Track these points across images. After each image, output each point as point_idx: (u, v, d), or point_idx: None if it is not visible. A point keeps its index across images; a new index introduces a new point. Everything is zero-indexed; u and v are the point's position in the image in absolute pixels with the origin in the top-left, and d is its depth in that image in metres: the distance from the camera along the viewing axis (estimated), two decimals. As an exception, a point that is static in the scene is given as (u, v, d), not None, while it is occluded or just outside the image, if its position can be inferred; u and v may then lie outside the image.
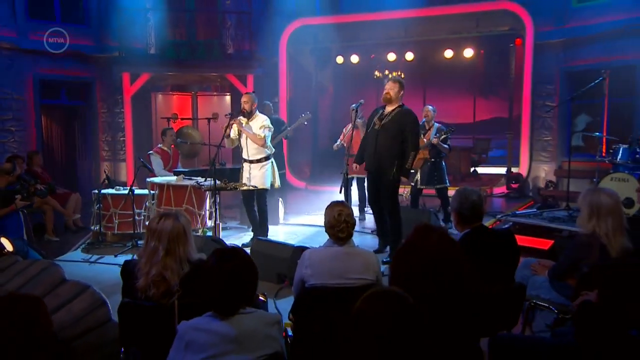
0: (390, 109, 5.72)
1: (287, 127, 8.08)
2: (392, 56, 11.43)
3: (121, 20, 10.55)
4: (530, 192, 10.24)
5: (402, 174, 5.66)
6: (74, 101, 11.41)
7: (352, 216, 3.02)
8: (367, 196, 6.83)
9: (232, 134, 6.35)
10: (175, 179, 6.52)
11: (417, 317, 1.44)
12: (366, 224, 7.52)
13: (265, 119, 6.35)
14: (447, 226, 7.10)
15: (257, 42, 11.45)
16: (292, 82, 11.79)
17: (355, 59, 11.71)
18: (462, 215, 3.23)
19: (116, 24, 10.65)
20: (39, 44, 10.05)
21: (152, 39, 10.78)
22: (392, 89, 5.69)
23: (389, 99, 5.70)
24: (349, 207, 3.09)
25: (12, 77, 10.03)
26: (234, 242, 6.59)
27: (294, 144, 10.81)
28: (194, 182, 6.29)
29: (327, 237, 3.13)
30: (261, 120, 6.31)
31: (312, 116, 11.80)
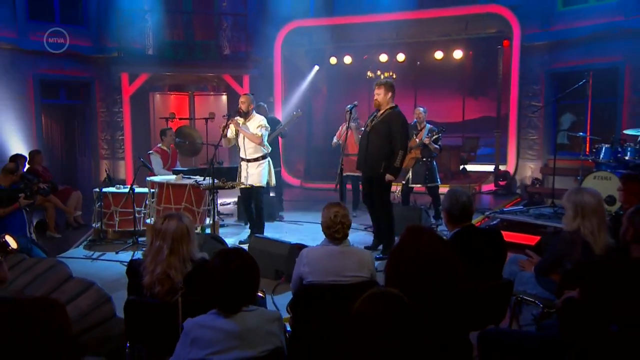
0: (381, 112, 5.78)
1: (281, 125, 8.12)
2: (384, 57, 11.48)
3: (120, 21, 10.54)
4: (517, 189, 10.33)
5: (390, 172, 5.70)
6: (74, 101, 11.39)
7: (347, 217, 3.07)
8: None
9: (230, 133, 6.36)
10: (174, 178, 6.53)
11: (413, 316, 1.49)
12: (359, 220, 7.56)
13: (262, 119, 6.38)
14: (438, 223, 7.18)
15: (253, 43, 11.47)
16: (286, 82, 11.82)
17: (348, 59, 11.75)
18: (453, 215, 3.29)
19: (115, 25, 10.64)
20: (39, 44, 10.02)
21: (150, 40, 10.75)
22: (379, 94, 5.75)
23: (378, 104, 5.78)
24: (345, 208, 3.13)
25: (12, 77, 10.00)
26: (232, 239, 6.65)
27: (289, 143, 10.83)
28: (193, 181, 6.31)
29: (323, 234, 3.18)
30: (258, 120, 6.33)
31: (307, 115, 11.88)
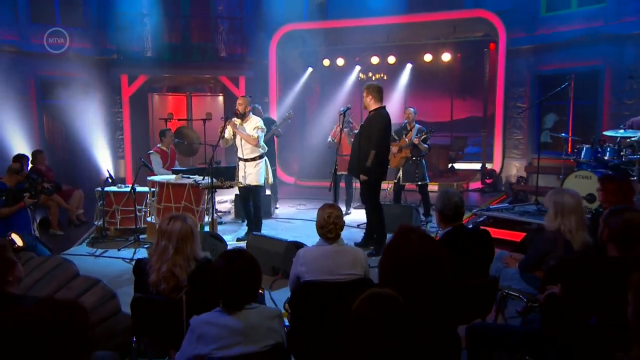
0: (369, 114, 5.86)
1: (276, 125, 8.16)
2: (375, 59, 11.52)
3: (119, 24, 10.52)
4: (503, 187, 10.45)
5: (362, 172, 5.75)
6: (74, 101, 11.33)
7: (341, 218, 3.12)
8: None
9: (227, 134, 6.40)
10: (174, 178, 6.56)
11: (408, 316, 1.56)
12: (352, 218, 7.63)
13: (258, 121, 6.41)
14: (428, 220, 7.27)
15: (248, 46, 11.49)
16: (281, 83, 11.85)
17: (341, 61, 11.79)
18: (445, 215, 3.34)
19: (114, 28, 10.63)
20: (41, 46, 9.97)
21: (149, 43, 10.76)
22: (365, 98, 5.85)
23: (366, 107, 5.87)
24: (339, 209, 3.18)
25: (15, 78, 9.96)
26: (229, 236, 6.69)
27: (284, 142, 10.89)
28: (192, 181, 6.34)
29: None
30: (255, 121, 6.37)
31: (300, 116, 11.92)
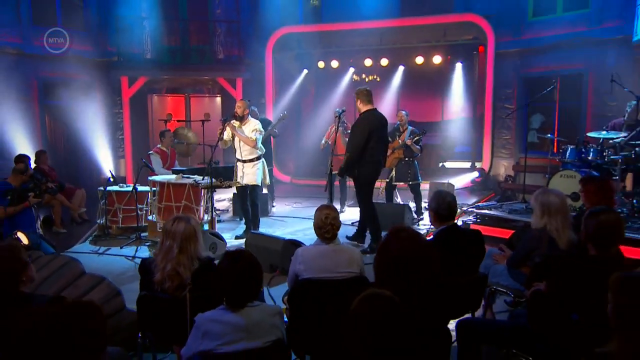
0: None
1: (272, 125, 8.21)
2: (368, 62, 11.57)
3: (119, 27, 10.52)
4: (491, 185, 10.54)
5: (339, 172, 5.85)
6: (75, 102, 11.31)
7: (337, 219, 3.17)
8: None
9: (226, 136, 6.45)
10: (174, 178, 6.59)
11: (402, 314, 1.62)
12: (346, 216, 7.69)
13: (257, 123, 6.46)
14: (420, 218, 7.34)
15: (246, 48, 11.51)
16: (277, 84, 11.88)
17: (335, 64, 11.83)
18: (439, 214, 3.40)
19: (115, 31, 10.63)
20: (43, 48, 9.95)
21: (149, 45, 10.77)
22: (356, 102, 5.92)
23: (358, 110, 5.91)
24: (335, 210, 3.23)
25: (17, 79, 9.94)
26: (228, 234, 6.74)
27: (280, 142, 10.93)
28: (192, 180, 6.38)
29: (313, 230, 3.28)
30: (253, 124, 6.41)
31: (296, 115, 11.96)
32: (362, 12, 10.81)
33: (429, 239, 4.64)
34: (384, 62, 11.45)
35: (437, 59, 11.09)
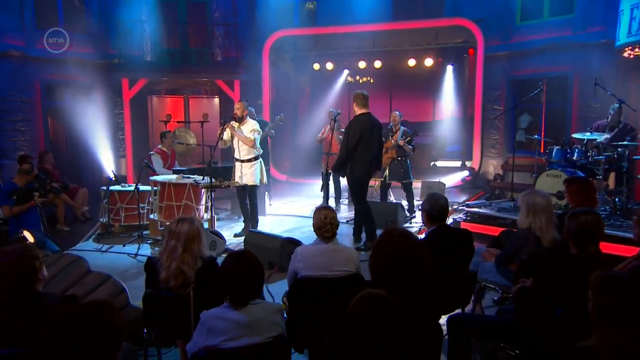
0: None
1: (269, 126, 8.25)
2: (362, 64, 11.64)
3: (120, 30, 10.51)
4: (481, 184, 10.62)
5: (332, 168, 5.96)
6: (77, 103, 11.29)
7: (335, 219, 3.23)
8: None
9: (225, 136, 6.49)
10: (175, 178, 6.62)
11: (397, 312, 1.68)
12: (340, 213, 7.74)
13: (255, 124, 6.50)
14: (412, 216, 7.42)
15: (243, 51, 11.52)
16: (274, 86, 11.91)
17: (330, 66, 11.88)
18: (432, 215, 3.47)
19: (116, 34, 10.62)
20: (45, 51, 9.92)
21: (149, 48, 10.75)
22: (352, 104, 5.96)
23: (354, 112, 5.96)
24: (333, 211, 3.29)
25: (21, 81, 9.92)
26: (227, 232, 6.77)
27: (276, 141, 10.96)
28: (192, 180, 6.41)
29: (312, 229, 3.33)
30: (251, 125, 6.46)
31: (292, 115, 12.00)
32: (356, 15, 10.84)
33: (421, 236, 4.74)
34: (378, 64, 11.52)
35: (428, 62, 11.17)
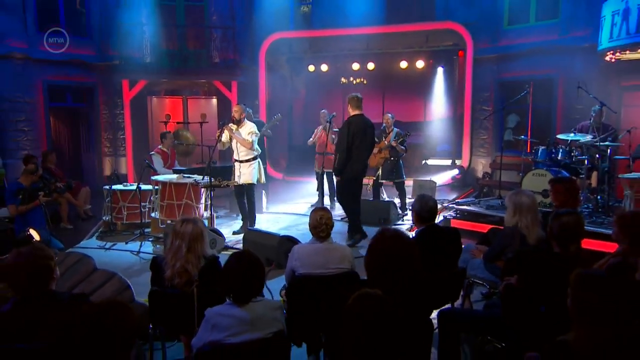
0: None
1: (266, 127, 8.29)
2: (356, 66, 11.67)
3: (120, 33, 10.48)
4: (470, 182, 10.71)
5: (335, 172, 5.99)
6: (79, 104, 11.30)
7: (331, 219, 3.30)
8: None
9: (224, 138, 6.54)
10: (175, 177, 6.66)
11: (392, 311, 1.75)
12: (335, 211, 7.79)
13: (252, 126, 6.55)
14: (404, 213, 7.50)
15: (240, 53, 11.52)
16: (270, 87, 11.94)
17: (324, 67, 11.90)
18: (422, 216, 3.54)
19: (116, 36, 10.58)
20: (47, 53, 9.91)
21: (148, 50, 10.73)
22: (347, 105, 6.02)
23: (348, 113, 6.02)
24: (329, 211, 3.36)
25: (23, 83, 9.90)
26: (226, 230, 6.83)
27: (273, 141, 11.00)
28: (192, 180, 6.46)
29: (307, 226, 3.41)
30: (249, 127, 6.51)
31: (288, 115, 12.03)
32: (350, 19, 10.88)
33: (412, 233, 4.82)
34: (371, 66, 11.55)
35: (420, 64, 11.23)
